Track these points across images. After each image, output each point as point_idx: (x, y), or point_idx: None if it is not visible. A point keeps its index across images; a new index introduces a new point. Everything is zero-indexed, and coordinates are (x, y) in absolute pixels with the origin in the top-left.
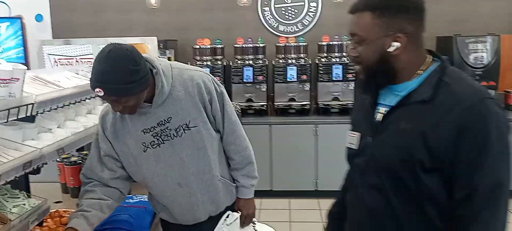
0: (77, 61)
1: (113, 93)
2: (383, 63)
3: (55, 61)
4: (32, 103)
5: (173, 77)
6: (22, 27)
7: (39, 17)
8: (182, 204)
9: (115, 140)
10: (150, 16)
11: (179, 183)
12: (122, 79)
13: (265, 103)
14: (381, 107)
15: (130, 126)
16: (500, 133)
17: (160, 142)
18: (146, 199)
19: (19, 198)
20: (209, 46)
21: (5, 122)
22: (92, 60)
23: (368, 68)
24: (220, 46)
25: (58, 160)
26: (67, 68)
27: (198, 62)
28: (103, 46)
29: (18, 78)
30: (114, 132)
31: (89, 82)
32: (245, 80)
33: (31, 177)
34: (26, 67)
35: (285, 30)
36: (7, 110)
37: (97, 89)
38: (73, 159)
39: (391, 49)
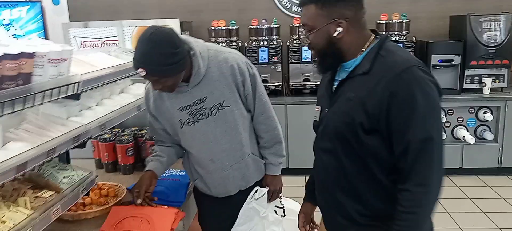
0: (102, 43)
1: (154, 74)
2: (331, 46)
3: (81, 44)
4: (78, 82)
5: (209, 59)
6: (42, 11)
7: (55, 1)
8: (214, 177)
9: (158, 115)
10: None
11: (212, 159)
12: (163, 61)
13: (280, 84)
14: (336, 83)
15: (168, 104)
16: (425, 94)
17: (195, 120)
18: (179, 173)
19: (67, 170)
20: (224, 28)
21: (56, 99)
22: (117, 42)
23: (319, 52)
24: (234, 27)
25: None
26: (99, 50)
27: None
28: (127, 28)
29: (66, 58)
30: (156, 109)
31: (122, 63)
32: (260, 61)
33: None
34: (72, 48)
35: (299, 11)
36: (58, 88)
37: (140, 70)
38: (106, 135)
39: (335, 34)
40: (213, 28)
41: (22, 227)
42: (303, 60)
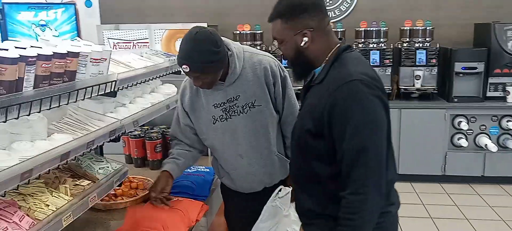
0: (134, 45)
1: (197, 70)
2: (299, 56)
3: (114, 45)
4: (115, 80)
5: (244, 60)
6: (76, 13)
7: (88, 3)
8: (241, 173)
9: (191, 112)
10: (190, 1)
11: (240, 155)
12: (205, 59)
13: (302, 88)
14: None
15: (203, 101)
16: (361, 107)
17: (227, 117)
18: (203, 170)
19: (103, 162)
20: (249, 32)
21: (96, 96)
22: (148, 45)
23: (291, 61)
24: (259, 31)
25: (123, 133)
26: (132, 51)
27: None
28: (157, 31)
29: (106, 59)
30: (191, 105)
31: (154, 64)
32: (284, 65)
33: None
34: (111, 49)
35: None
36: (98, 86)
37: (184, 66)
38: (136, 132)
39: (302, 44)
40: (238, 31)
41: (63, 211)
42: None
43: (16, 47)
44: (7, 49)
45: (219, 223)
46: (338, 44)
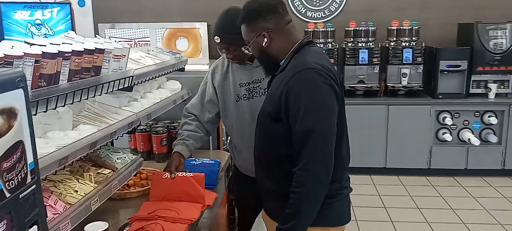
0: (135, 43)
1: (225, 41)
2: (263, 54)
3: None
4: (132, 76)
5: None
6: (71, 12)
7: (81, 3)
8: (250, 152)
9: (219, 88)
10: (186, 1)
11: (255, 134)
12: (231, 31)
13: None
14: None
15: (231, 79)
16: (310, 92)
17: (250, 96)
18: (209, 161)
19: (119, 153)
20: None
21: (116, 90)
22: (150, 43)
23: (258, 59)
24: None
25: (138, 125)
26: (139, 49)
27: None
28: (158, 30)
29: (125, 55)
30: (220, 82)
31: (163, 61)
32: None
33: None
34: (129, 47)
35: (313, 16)
36: (119, 80)
37: (216, 38)
38: (142, 127)
39: (263, 44)
40: None
41: (91, 196)
42: None
43: (51, 44)
44: (45, 46)
45: (222, 214)
46: (300, 40)
